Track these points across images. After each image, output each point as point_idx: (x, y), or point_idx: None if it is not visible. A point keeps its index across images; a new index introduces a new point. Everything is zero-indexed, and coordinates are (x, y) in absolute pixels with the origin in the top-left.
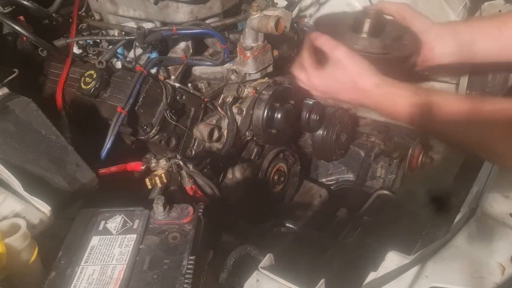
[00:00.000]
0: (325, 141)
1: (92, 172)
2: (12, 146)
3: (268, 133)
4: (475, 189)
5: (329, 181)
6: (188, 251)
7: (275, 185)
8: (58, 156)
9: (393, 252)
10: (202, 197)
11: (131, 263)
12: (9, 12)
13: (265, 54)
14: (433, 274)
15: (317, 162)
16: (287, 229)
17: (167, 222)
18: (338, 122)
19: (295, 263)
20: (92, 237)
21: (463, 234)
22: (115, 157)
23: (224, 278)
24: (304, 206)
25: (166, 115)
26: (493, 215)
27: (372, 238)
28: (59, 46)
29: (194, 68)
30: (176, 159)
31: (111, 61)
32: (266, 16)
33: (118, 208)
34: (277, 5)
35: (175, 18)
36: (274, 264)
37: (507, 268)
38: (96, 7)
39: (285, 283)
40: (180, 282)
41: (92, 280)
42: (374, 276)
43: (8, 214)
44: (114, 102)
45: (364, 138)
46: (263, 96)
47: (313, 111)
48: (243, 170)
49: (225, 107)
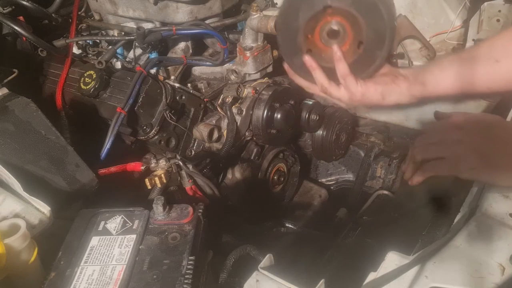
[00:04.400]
0: (325, 141)
1: (92, 172)
2: (12, 146)
3: (268, 133)
4: (475, 189)
5: (329, 181)
6: (187, 251)
7: (275, 185)
8: (58, 156)
9: (393, 252)
10: (201, 197)
11: (130, 263)
12: (9, 12)
13: (265, 54)
14: (433, 274)
15: (317, 162)
16: (287, 229)
17: (167, 222)
18: (338, 122)
19: (295, 263)
20: (92, 237)
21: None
22: (114, 157)
23: (224, 278)
24: (304, 206)
25: (165, 115)
26: (493, 215)
27: (372, 238)
28: (59, 46)
29: (194, 68)
30: (175, 159)
31: (111, 61)
32: (265, 16)
33: (117, 209)
34: (277, 5)
35: (175, 18)
36: (274, 264)
37: (507, 268)
38: (95, 7)
39: (285, 283)
40: (180, 282)
41: (92, 280)
42: (374, 276)
43: (8, 215)
44: (113, 102)
45: (364, 138)
46: (262, 96)
47: (313, 111)
48: (243, 170)
49: (225, 107)
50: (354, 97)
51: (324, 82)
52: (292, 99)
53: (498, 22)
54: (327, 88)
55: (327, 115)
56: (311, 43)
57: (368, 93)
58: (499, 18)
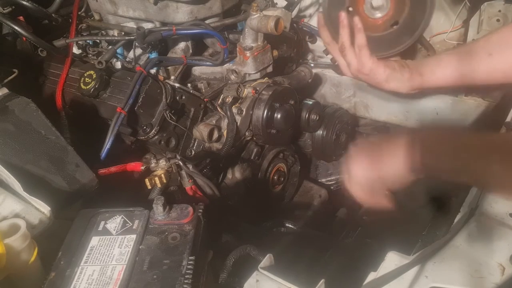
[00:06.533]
0: (325, 141)
1: (92, 172)
2: (12, 146)
3: (268, 133)
4: (475, 189)
5: (329, 181)
6: (187, 251)
7: (275, 185)
8: (58, 156)
9: (393, 252)
10: (202, 197)
11: (130, 263)
12: (9, 12)
13: (265, 54)
14: (433, 274)
15: (317, 162)
16: (287, 229)
17: (167, 222)
18: (338, 122)
19: (295, 263)
20: (92, 237)
21: (463, 234)
22: (114, 157)
23: (224, 278)
24: (304, 206)
25: (165, 115)
26: (493, 215)
27: (371, 238)
28: (59, 46)
29: (194, 68)
30: (175, 159)
31: (111, 61)
32: (265, 16)
33: (117, 209)
34: (276, 5)
35: (175, 18)
36: (274, 264)
37: (506, 268)
38: (95, 7)
39: (285, 284)
40: (180, 283)
41: (92, 280)
42: (374, 276)
43: (8, 215)
44: (113, 102)
45: (364, 138)
46: (262, 96)
47: (313, 111)
48: (243, 170)
49: (225, 107)
50: (363, 69)
51: (346, 42)
52: (292, 99)
53: (498, 22)
54: (346, 48)
55: (327, 115)
56: (355, 3)
57: (376, 71)
58: (499, 18)
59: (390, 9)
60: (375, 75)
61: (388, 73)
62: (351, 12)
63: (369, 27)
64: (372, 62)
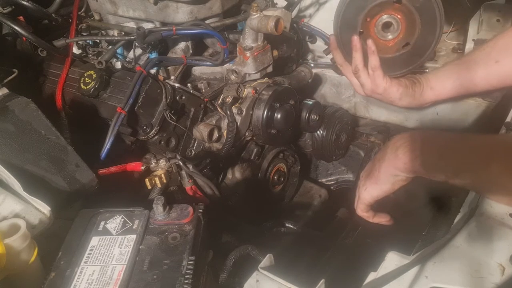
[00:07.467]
0: (325, 141)
1: (92, 172)
2: (12, 146)
3: (268, 133)
4: None
5: (329, 181)
6: (188, 251)
7: (275, 185)
8: (58, 156)
9: (393, 252)
10: (202, 197)
11: (130, 263)
12: (9, 12)
13: (265, 54)
14: (433, 274)
15: (317, 162)
16: (287, 229)
17: (167, 222)
18: (338, 122)
19: (295, 264)
20: (92, 237)
21: (463, 234)
22: (115, 157)
23: (224, 278)
24: (304, 206)
25: (165, 115)
26: (493, 215)
27: (371, 238)
28: (59, 46)
29: (194, 68)
30: (175, 159)
31: (111, 61)
32: (266, 16)
33: (118, 209)
34: (276, 5)
35: (175, 18)
36: (274, 265)
37: (506, 268)
38: (95, 7)
39: (285, 284)
40: (180, 283)
41: (92, 280)
42: (374, 276)
43: (8, 215)
44: (113, 102)
45: (364, 138)
46: (263, 96)
47: (313, 111)
48: (243, 170)
49: (225, 107)
50: (377, 89)
51: (359, 65)
52: (292, 99)
53: (498, 22)
54: (359, 70)
55: (327, 115)
56: (366, 26)
57: (390, 90)
58: (499, 18)
59: (401, 31)
60: (388, 94)
61: (401, 91)
62: (362, 35)
63: (380, 49)
64: (385, 82)
